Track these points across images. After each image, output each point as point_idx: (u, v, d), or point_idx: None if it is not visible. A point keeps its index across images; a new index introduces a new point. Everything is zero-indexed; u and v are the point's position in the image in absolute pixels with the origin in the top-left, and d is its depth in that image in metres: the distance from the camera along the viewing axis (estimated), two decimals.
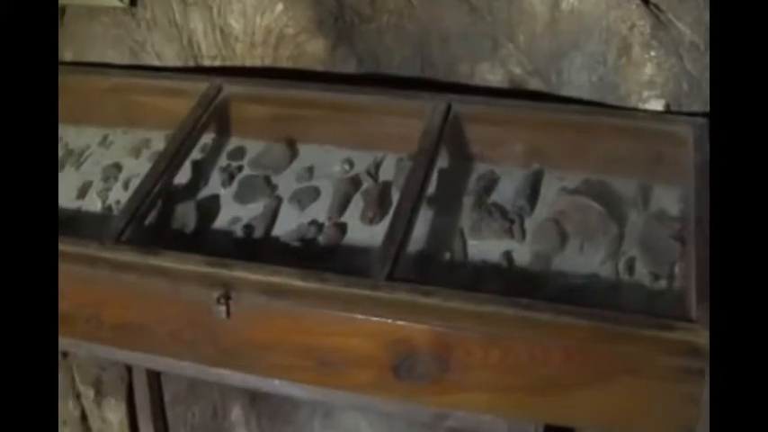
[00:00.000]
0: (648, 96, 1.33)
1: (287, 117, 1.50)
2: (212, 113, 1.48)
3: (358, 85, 1.47)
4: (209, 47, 1.61)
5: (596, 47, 1.35)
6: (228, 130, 1.54)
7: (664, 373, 1.04)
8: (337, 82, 1.49)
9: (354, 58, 1.53)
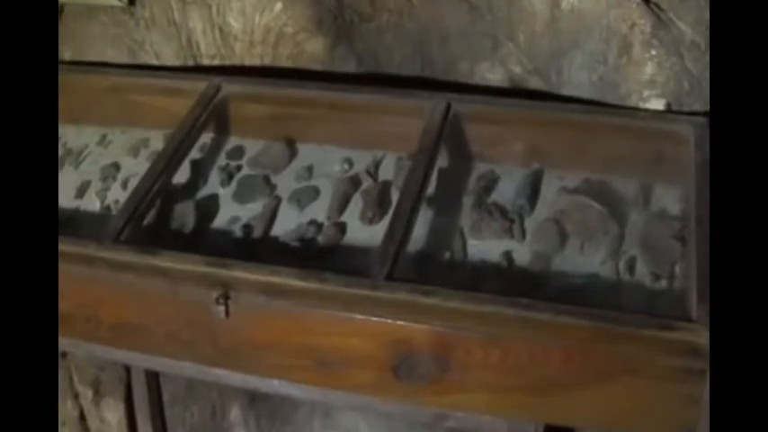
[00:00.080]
0: (649, 96, 1.33)
1: (286, 116, 1.50)
2: (211, 113, 1.47)
3: (357, 85, 1.47)
4: (207, 46, 1.61)
5: (596, 46, 1.34)
6: (227, 129, 1.54)
7: (664, 374, 1.04)
8: (337, 81, 1.49)
9: (354, 57, 1.52)
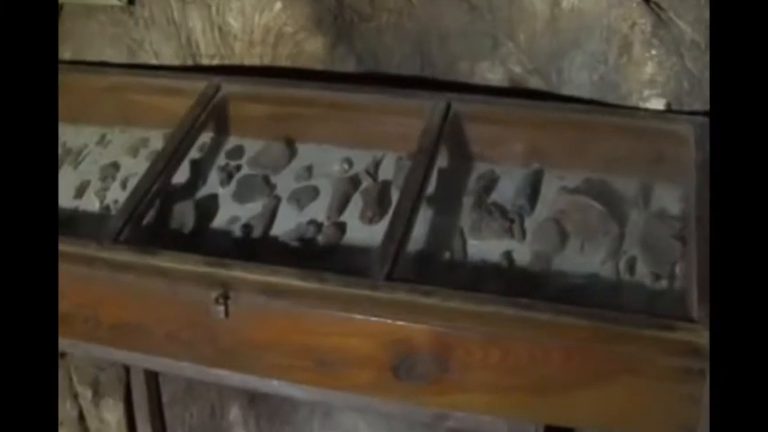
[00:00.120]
0: (649, 95, 1.33)
1: (286, 116, 1.49)
2: (211, 112, 1.47)
3: (357, 84, 1.47)
4: (207, 45, 1.61)
5: (597, 45, 1.34)
6: (227, 129, 1.53)
7: (664, 374, 1.03)
8: (336, 81, 1.49)
9: (353, 56, 1.52)
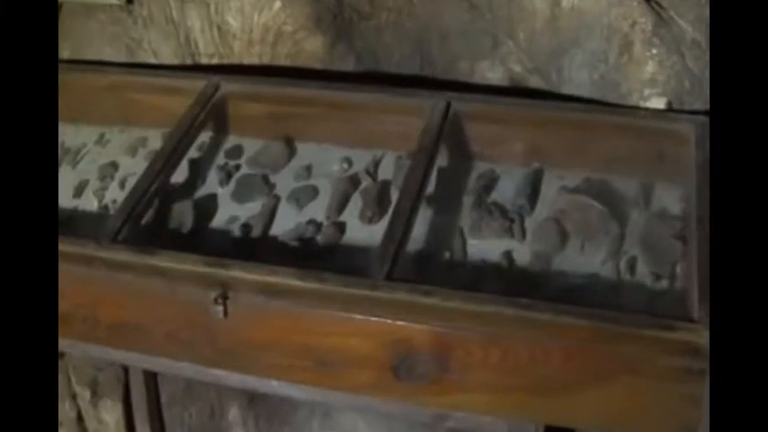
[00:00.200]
0: (650, 94, 1.33)
1: (285, 115, 1.49)
2: (210, 112, 1.47)
3: (357, 83, 1.47)
4: (206, 44, 1.60)
5: (597, 44, 1.34)
6: (226, 128, 1.53)
7: (665, 374, 1.03)
8: (336, 80, 1.49)
9: (353, 55, 1.52)
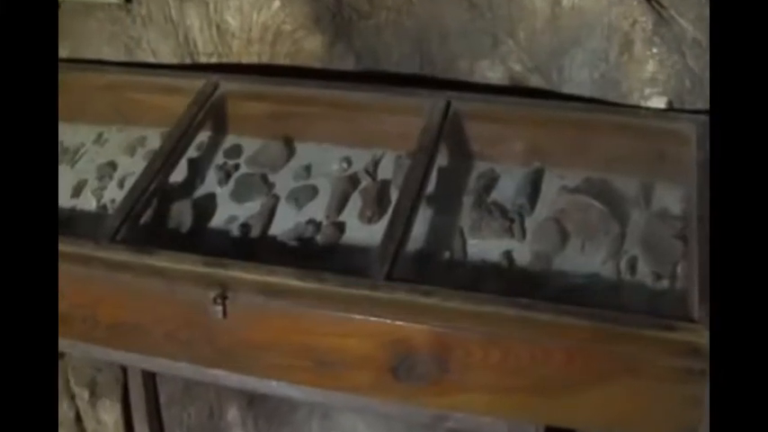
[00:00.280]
0: (650, 94, 1.32)
1: (284, 115, 1.49)
2: (208, 111, 1.47)
3: (356, 83, 1.46)
4: (205, 43, 1.60)
5: (598, 43, 1.34)
6: (225, 127, 1.53)
7: (665, 374, 1.03)
8: (335, 79, 1.48)
9: (352, 54, 1.52)
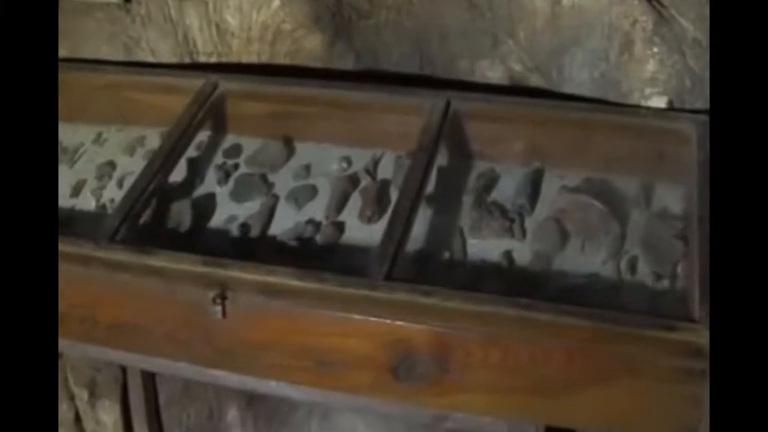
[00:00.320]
0: (651, 93, 1.32)
1: (284, 114, 1.49)
2: (208, 110, 1.47)
3: (356, 82, 1.46)
4: (204, 43, 1.60)
5: (598, 43, 1.34)
6: (224, 127, 1.53)
7: (666, 374, 1.03)
8: (335, 79, 1.48)
9: (352, 54, 1.51)
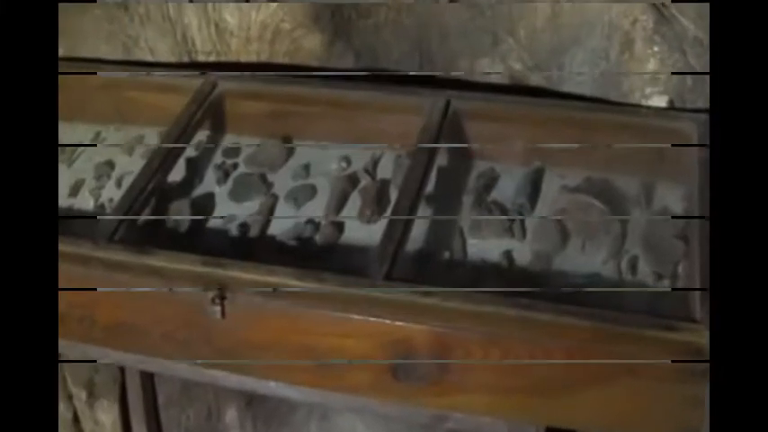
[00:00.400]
0: (651, 93, 1.32)
1: (283, 113, 1.49)
2: (207, 110, 1.46)
3: (355, 81, 1.46)
4: (203, 42, 1.60)
5: (598, 42, 1.33)
6: (223, 126, 1.52)
7: (666, 375, 1.02)
8: (334, 78, 1.48)
9: (352, 53, 1.51)
